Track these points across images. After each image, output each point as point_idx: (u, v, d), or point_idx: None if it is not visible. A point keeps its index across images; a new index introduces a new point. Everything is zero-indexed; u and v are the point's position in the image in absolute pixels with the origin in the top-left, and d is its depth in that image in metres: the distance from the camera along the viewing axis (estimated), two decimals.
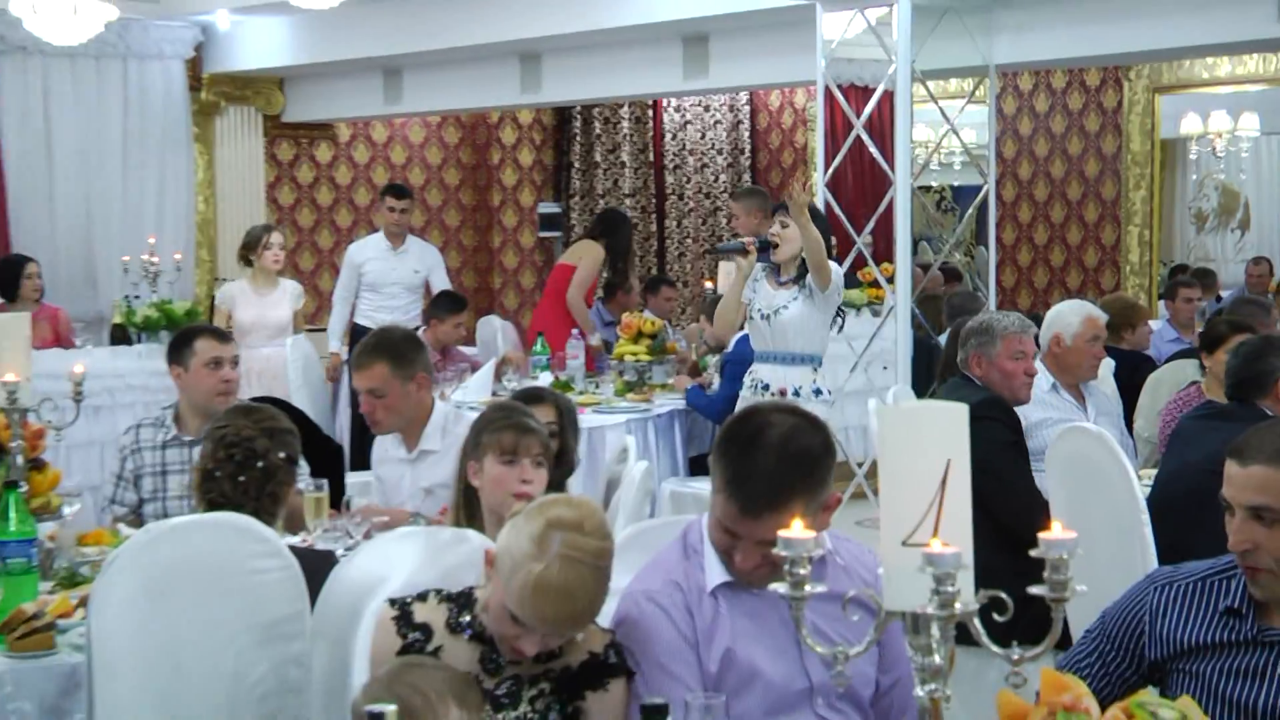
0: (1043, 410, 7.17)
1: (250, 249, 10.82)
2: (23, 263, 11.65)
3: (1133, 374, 8.82)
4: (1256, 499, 3.37)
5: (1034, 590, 2.48)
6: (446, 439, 6.12)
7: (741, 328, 8.81)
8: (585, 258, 11.54)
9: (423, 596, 3.65)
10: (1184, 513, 5.55)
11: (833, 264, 8.19)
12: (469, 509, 5.07)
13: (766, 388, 8.21)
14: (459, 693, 3.30)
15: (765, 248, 8.19)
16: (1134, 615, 3.58)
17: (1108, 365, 8.03)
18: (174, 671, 4.30)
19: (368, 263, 11.58)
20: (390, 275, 11.47)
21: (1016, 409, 6.78)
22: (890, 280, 9.74)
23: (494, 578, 3.50)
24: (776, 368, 8.29)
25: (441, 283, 11.81)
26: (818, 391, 8.19)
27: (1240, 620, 3.46)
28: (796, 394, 8.01)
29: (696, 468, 9.69)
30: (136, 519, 6.14)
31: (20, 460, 5.32)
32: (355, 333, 11.26)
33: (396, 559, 4.30)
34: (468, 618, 3.59)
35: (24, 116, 13.52)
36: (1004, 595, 2.52)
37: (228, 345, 6.49)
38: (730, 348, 10.28)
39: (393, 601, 3.65)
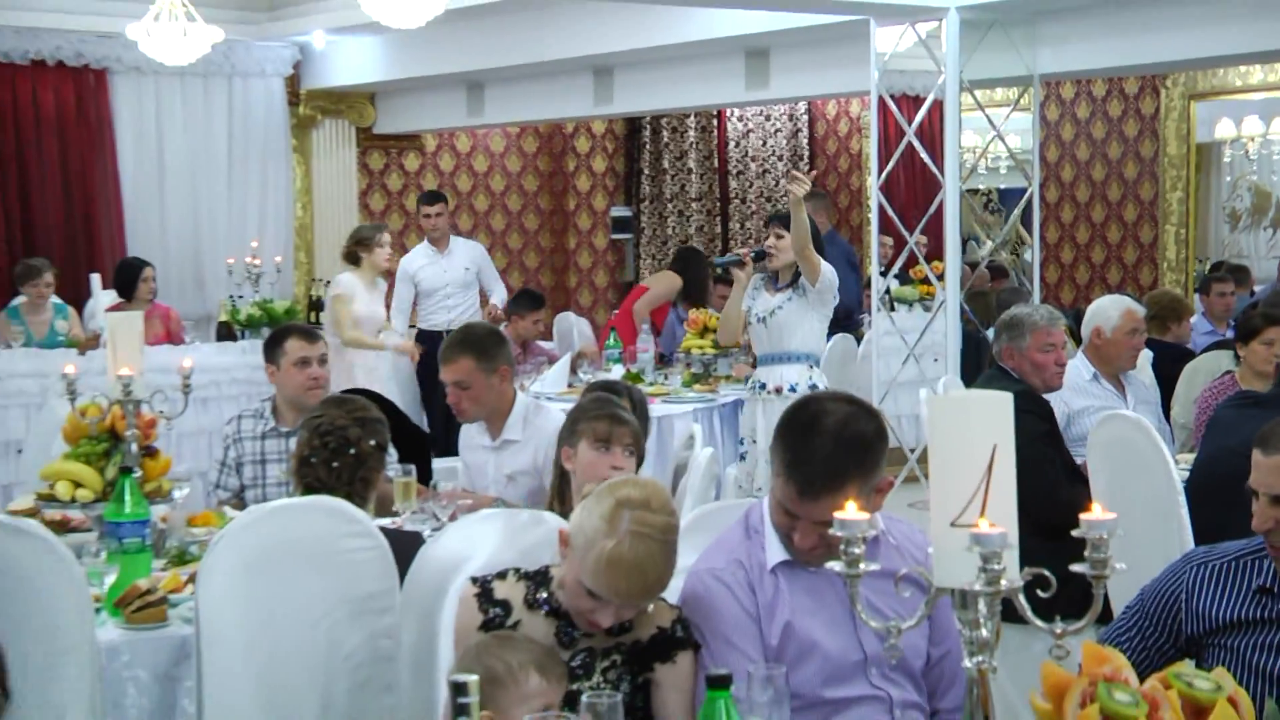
0: (1084, 398, 7.15)
1: (363, 246, 10.70)
2: (140, 266, 11.74)
3: (1172, 366, 8.71)
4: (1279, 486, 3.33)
5: (1075, 568, 2.47)
6: (527, 429, 6.14)
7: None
8: (660, 284, 11.77)
9: (502, 575, 3.66)
10: (1220, 496, 5.48)
11: (823, 262, 8.02)
12: (561, 492, 5.15)
13: (764, 387, 8.13)
14: (541, 663, 3.35)
15: (761, 258, 8.14)
16: (1171, 593, 3.55)
17: (1146, 356, 7.98)
18: (274, 642, 4.33)
19: (419, 271, 11.41)
20: (442, 278, 11.28)
21: (1060, 398, 6.78)
22: (940, 277, 9.69)
23: (569, 556, 3.50)
24: (774, 367, 8.17)
25: (492, 276, 11.72)
26: (813, 387, 7.93)
27: (1272, 599, 3.43)
28: (793, 390, 7.86)
29: None
30: (239, 502, 6.18)
31: (134, 448, 5.35)
32: (420, 338, 11.23)
33: (479, 539, 4.31)
34: (544, 594, 3.59)
35: (138, 132, 13.67)
36: (1047, 573, 2.50)
37: (315, 345, 6.49)
38: None
39: (475, 580, 3.66)
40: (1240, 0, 9.08)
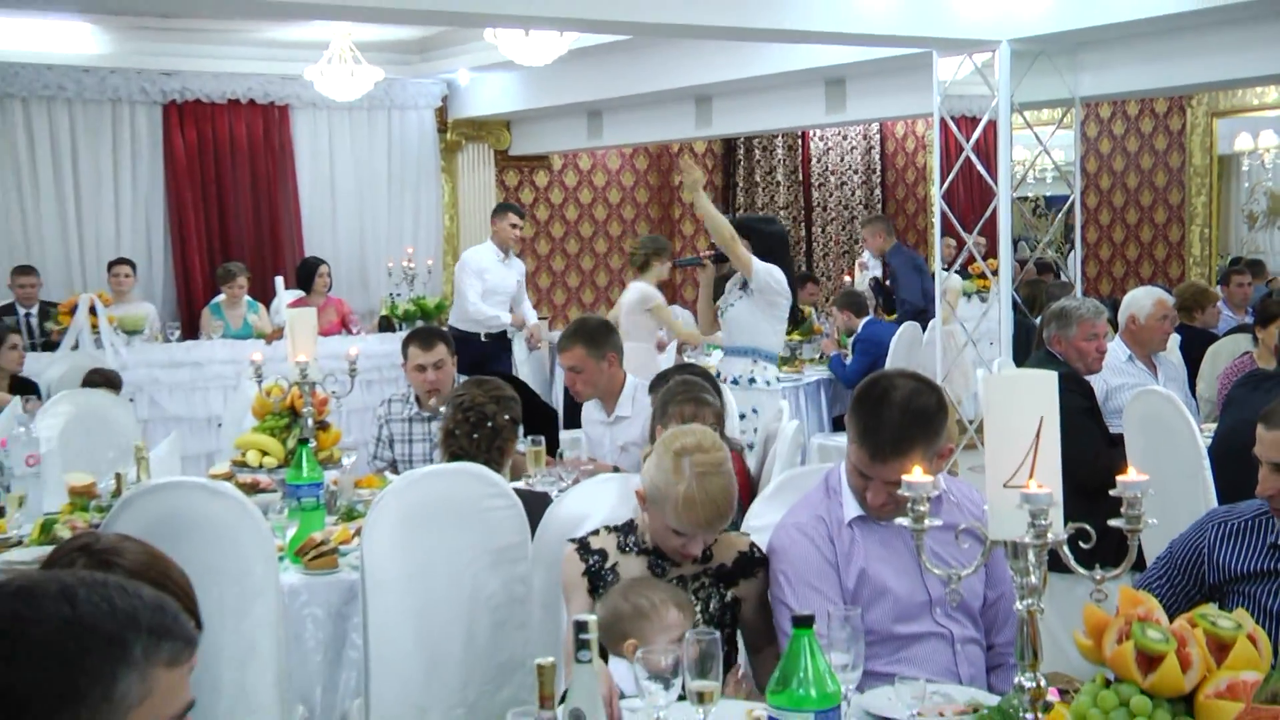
0: (1120, 377, 7.09)
1: (658, 255, 9.96)
2: (317, 263, 11.92)
3: (1199, 348, 8.68)
4: None
5: (1113, 523, 2.44)
6: (635, 406, 6.18)
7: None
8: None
9: (595, 532, 3.75)
10: (1240, 460, 5.38)
11: (756, 260, 7.36)
12: None
13: (719, 375, 7.34)
14: (677, 599, 3.46)
15: (720, 259, 7.69)
16: (1195, 547, 3.50)
17: (1174, 340, 7.93)
18: (427, 586, 4.35)
19: (486, 270, 10.78)
20: (501, 283, 10.75)
21: (1100, 377, 6.76)
22: (994, 273, 9.58)
23: (648, 509, 3.60)
24: (727, 359, 7.75)
25: (524, 295, 11.26)
26: (751, 381, 7.49)
27: None
28: (735, 382, 7.43)
29: (838, 425, 9.62)
30: (394, 470, 6.22)
31: (310, 422, 5.40)
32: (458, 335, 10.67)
33: (597, 499, 4.38)
34: (632, 539, 3.69)
35: (314, 157, 13.83)
36: (1088, 527, 2.47)
37: (430, 353, 6.41)
38: (860, 330, 10.22)
39: (572, 540, 3.75)
40: (1256, 29, 8.90)
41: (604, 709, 2.52)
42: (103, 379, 8.37)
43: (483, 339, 10.47)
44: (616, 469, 5.62)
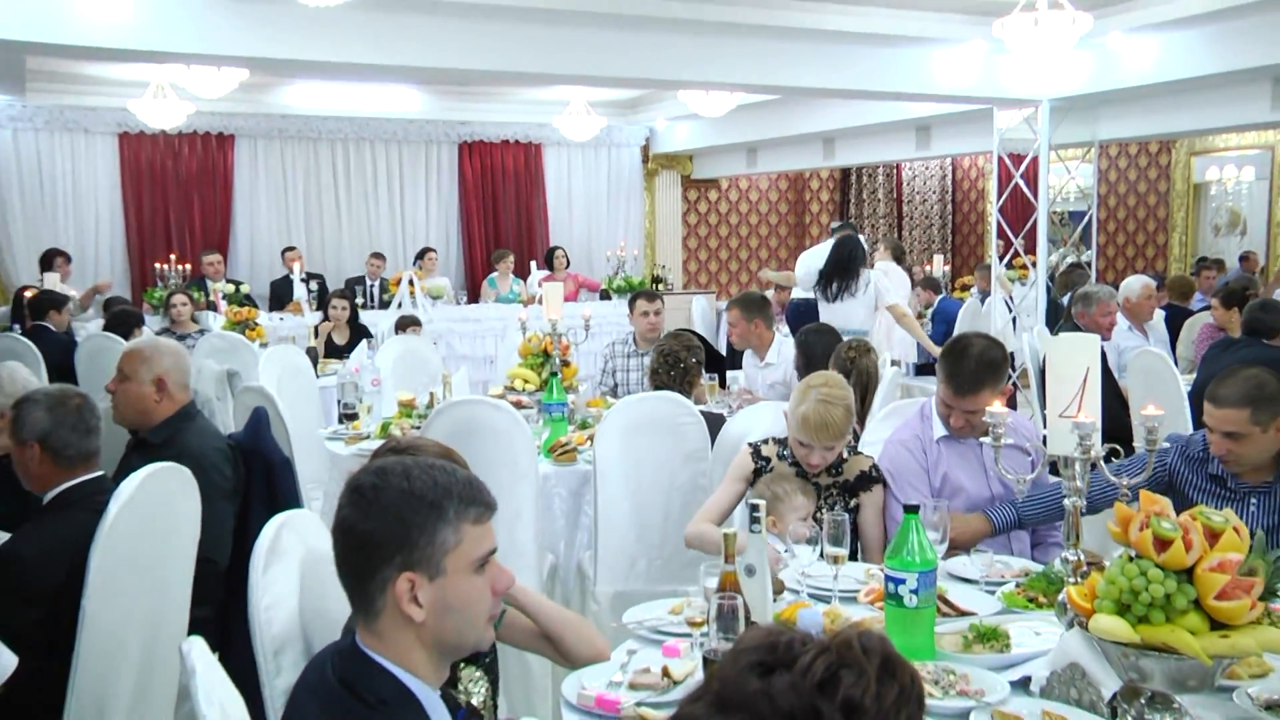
0: (1125, 340, 6.98)
1: (898, 251, 9.87)
2: (555, 248, 12.13)
3: (1180, 321, 8.62)
4: (1227, 428, 3.12)
5: (1137, 443, 2.35)
6: (779, 357, 6.12)
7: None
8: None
9: (765, 441, 3.67)
10: None
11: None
12: None
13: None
14: (803, 489, 3.40)
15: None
16: (1166, 468, 3.34)
17: (1160, 315, 7.83)
18: (638, 476, 4.38)
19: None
20: None
21: (1114, 343, 6.71)
22: (1033, 265, 9.28)
23: (789, 426, 3.50)
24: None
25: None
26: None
27: (1223, 485, 3.21)
28: None
29: (919, 371, 9.41)
30: (615, 393, 6.25)
31: (557, 360, 5.45)
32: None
33: (756, 419, 4.35)
34: (786, 451, 3.59)
35: (557, 177, 13.88)
36: (1118, 446, 2.39)
37: (654, 303, 6.37)
38: (936, 304, 9.98)
39: (750, 444, 3.68)
40: (1221, 93, 8.64)
41: (769, 564, 2.49)
42: (409, 321, 8.56)
43: None
44: (766, 399, 5.58)
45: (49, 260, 10.32)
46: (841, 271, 7.62)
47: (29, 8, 5.88)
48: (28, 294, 8.81)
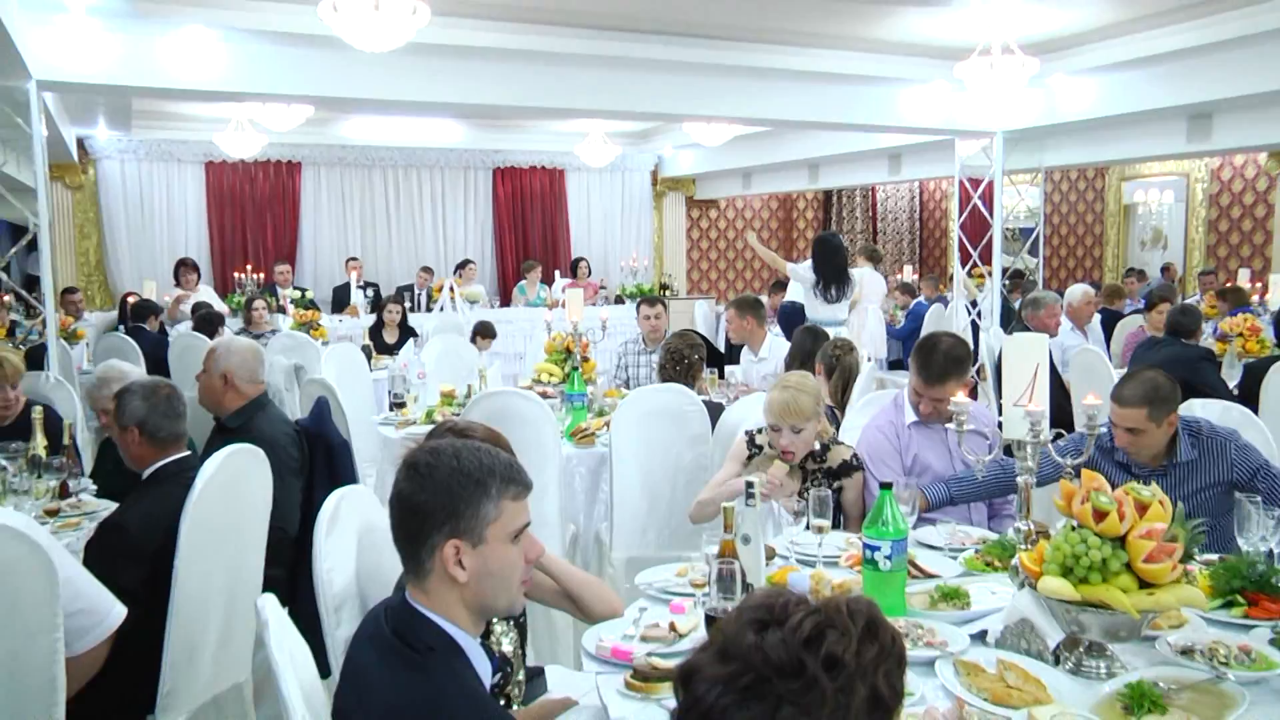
0: (1068, 339, 6.94)
1: (875, 257, 9.73)
2: (579, 260, 12.07)
3: (1113, 323, 8.55)
4: (1129, 424, 3.09)
5: (1079, 427, 2.34)
6: (771, 352, 6.08)
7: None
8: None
9: (759, 429, 3.60)
10: None
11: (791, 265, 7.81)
12: None
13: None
14: (790, 471, 3.35)
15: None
16: (1086, 459, 3.31)
17: (1097, 318, 7.85)
18: (649, 457, 4.35)
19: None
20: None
21: (1058, 341, 6.68)
22: (989, 274, 9.24)
23: (764, 415, 3.45)
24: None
25: None
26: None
27: (1128, 472, 3.19)
28: None
29: (892, 366, 9.39)
30: (628, 385, 6.22)
31: (578, 356, 5.44)
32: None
33: (750, 408, 4.29)
34: None
35: (578, 199, 13.84)
36: (1063, 430, 2.38)
37: (652, 309, 6.26)
38: (910, 307, 9.92)
39: (746, 431, 3.65)
40: (1147, 128, 8.75)
41: (762, 534, 2.49)
42: (486, 331, 8.28)
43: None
44: (761, 390, 5.57)
45: (177, 270, 10.48)
46: (837, 275, 7.63)
47: (136, 58, 6.03)
48: (130, 300, 8.96)
